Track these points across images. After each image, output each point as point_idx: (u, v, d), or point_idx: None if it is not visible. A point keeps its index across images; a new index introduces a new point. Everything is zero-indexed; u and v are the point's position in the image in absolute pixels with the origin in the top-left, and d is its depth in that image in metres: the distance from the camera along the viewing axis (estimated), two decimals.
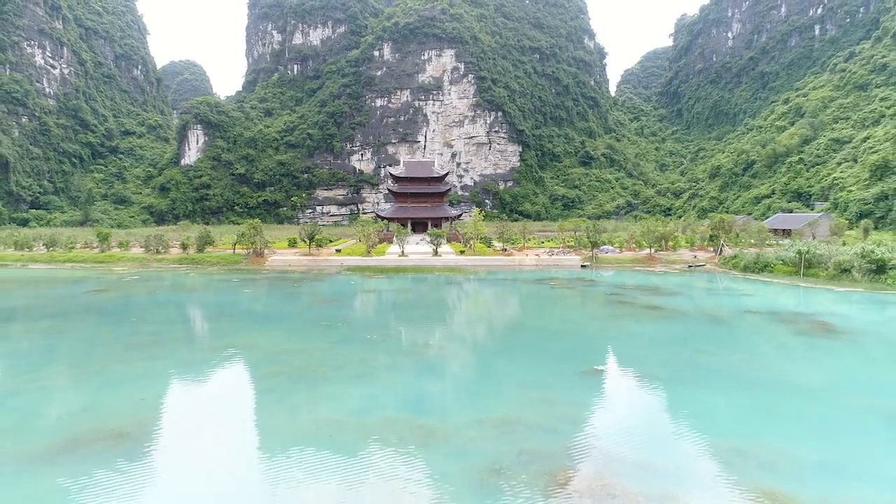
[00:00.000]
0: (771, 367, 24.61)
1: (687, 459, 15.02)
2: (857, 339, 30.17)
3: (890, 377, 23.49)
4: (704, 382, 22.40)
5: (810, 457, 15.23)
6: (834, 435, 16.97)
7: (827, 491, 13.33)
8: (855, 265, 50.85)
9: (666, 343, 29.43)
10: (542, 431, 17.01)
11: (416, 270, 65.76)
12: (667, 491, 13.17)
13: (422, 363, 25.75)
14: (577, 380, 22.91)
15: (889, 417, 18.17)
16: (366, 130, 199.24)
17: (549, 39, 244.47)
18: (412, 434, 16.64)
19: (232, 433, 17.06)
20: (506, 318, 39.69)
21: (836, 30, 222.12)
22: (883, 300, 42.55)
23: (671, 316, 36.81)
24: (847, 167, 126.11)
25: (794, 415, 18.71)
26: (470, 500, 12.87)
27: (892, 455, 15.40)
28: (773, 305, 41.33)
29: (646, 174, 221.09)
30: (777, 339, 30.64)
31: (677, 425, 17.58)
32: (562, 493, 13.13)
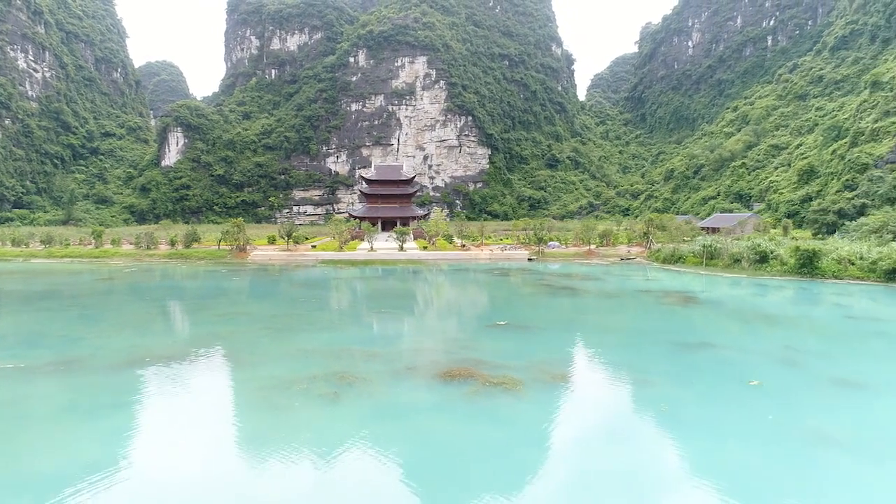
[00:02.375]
0: (623, 322, 34.68)
1: (527, 363, 24.70)
2: (703, 305, 40.44)
3: (696, 324, 33.59)
4: (566, 329, 32.36)
5: (605, 357, 25.14)
6: (623, 347, 26.94)
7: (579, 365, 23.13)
8: (744, 256, 61.47)
9: (557, 309, 39.41)
10: (444, 353, 26.70)
11: (383, 263, 75.07)
12: (504, 376, 22.78)
13: (375, 320, 35.34)
14: (482, 329, 32.71)
15: (668, 343, 28.18)
16: (341, 134, 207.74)
17: (519, 47, 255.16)
18: (360, 355, 26.18)
19: (239, 356, 26.37)
20: (447, 295, 49.37)
21: (787, 41, 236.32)
22: (747, 282, 53.12)
23: (577, 293, 46.85)
24: (782, 171, 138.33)
25: (608, 343, 28.69)
26: (391, 381, 22.38)
27: (655, 357, 25.34)
28: (665, 287, 51.55)
29: (608, 176, 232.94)
30: (645, 306, 40.73)
31: (530, 348, 27.35)
32: (443, 376, 22.71)
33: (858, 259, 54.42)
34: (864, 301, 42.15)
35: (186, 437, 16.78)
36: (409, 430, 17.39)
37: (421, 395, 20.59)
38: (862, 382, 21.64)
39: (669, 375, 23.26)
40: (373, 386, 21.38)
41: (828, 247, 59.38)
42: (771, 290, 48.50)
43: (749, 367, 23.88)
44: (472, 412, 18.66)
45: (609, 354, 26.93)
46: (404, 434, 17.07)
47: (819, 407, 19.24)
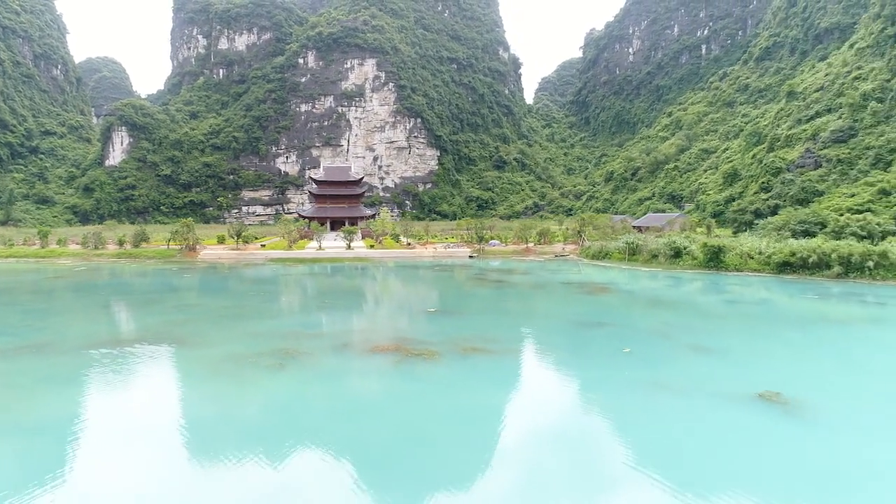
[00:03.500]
0: (539, 308, 39.58)
1: (446, 340, 29.08)
2: (612, 294, 45.83)
3: (599, 309, 38.79)
4: (487, 314, 37.02)
5: (514, 334, 29.82)
6: (532, 327, 31.71)
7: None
8: (661, 252, 67.74)
9: (485, 298, 44.12)
10: (377, 334, 30.91)
11: (331, 261, 78.52)
12: (424, 349, 27.10)
13: (319, 310, 39.20)
14: (413, 316, 37.03)
15: (571, 323, 33.12)
16: (291, 134, 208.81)
17: (467, 51, 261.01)
18: (303, 336, 30.09)
19: (194, 339, 29.89)
20: (388, 288, 53.52)
21: (719, 50, 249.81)
22: (661, 275, 59.19)
23: (506, 286, 51.73)
24: (710, 174, 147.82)
25: (521, 324, 33.45)
26: (329, 355, 26.39)
27: (556, 333, 30.13)
28: (587, 279, 56.97)
29: (554, 177, 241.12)
30: (563, 296, 45.85)
31: (452, 329, 31.81)
32: (373, 350, 26.88)
33: (757, 254, 61.12)
34: (751, 289, 48.39)
35: (152, 396, 20.48)
36: (341, 388, 21.53)
37: (353, 364, 24.76)
38: (710, 348, 26.93)
39: (562, 346, 28.11)
40: (313, 358, 25.40)
41: (733, 243, 66.15)
42: (677, 281, 54.50)
43: (628, 339, 28.94)
44: (393, 374, 22.97)
45: (518, 332, 31.66)
46: (337, 391, 21.21)
47: (666, 366, 24.30)
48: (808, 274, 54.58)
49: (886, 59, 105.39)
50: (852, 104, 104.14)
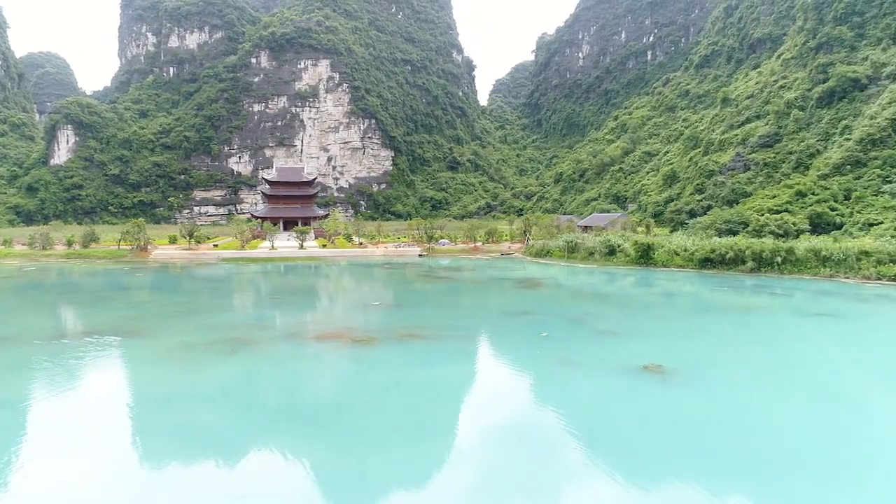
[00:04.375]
0: (474, 300, 42.99)
1: (385, 328, 32.12)
2: (544, 287, 49.65)
3: (529, 300, 42.44)
4: (426, 306, 40.23)
5: (446, 322, 33.09)
6: (464, 316, 35.04)
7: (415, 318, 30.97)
8: (597, 249, 72.29)
9: (426, 292, 47.33)
10: (323, 325, 33.71)
11: (283, 260, 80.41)
12: (364, 336, 30.05)
13: (269, 304, 41.68)
14: (358, 309, 39.95)
15: (500, 312, 36.60)
16: (243, 134, 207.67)
17: (421, 53, 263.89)
18: (253, 327, 32.66)
19: (151, 330, 32.10)
20: (337, 285, 56.17)
21: (664, 56, 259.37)
22: (596, 271, 63.55)
23: (449, 281, 55.05)
24: (652, 175, 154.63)
25: (454, 314, 36.75)
26: (276, 342, 29.09)
27: (484, 321, 33.49)
28: (524, 275, 60.78)
29: (506, 178, 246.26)
30: (499, 289, 49.42)
31: (392, 319, 34.88)
32: (317, 338, 29.71)
33: (683, 251, 66.11)
34: (672, 283, 53.01)
35: (114, 377, 22.90)
36: (287, 368, 24.36)
37: (298, 349, 27.57)
38: (617, 332, 30.77)
39: (489, 331, 31.54)
40: (262, 345, 28.09)
41: (662, 241, 71.14)
42: (608, 277, 58.83)
43: (549, 326, 32.55)
44: (334, 357, 25.92)
45: (453, 321, 34.94)
46: (284, 370, 24.03)
47: (575, 346, 27.95)
48: (726, 269, 59.63)
49: (808, 69, 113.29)
50: (777, 111, 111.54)
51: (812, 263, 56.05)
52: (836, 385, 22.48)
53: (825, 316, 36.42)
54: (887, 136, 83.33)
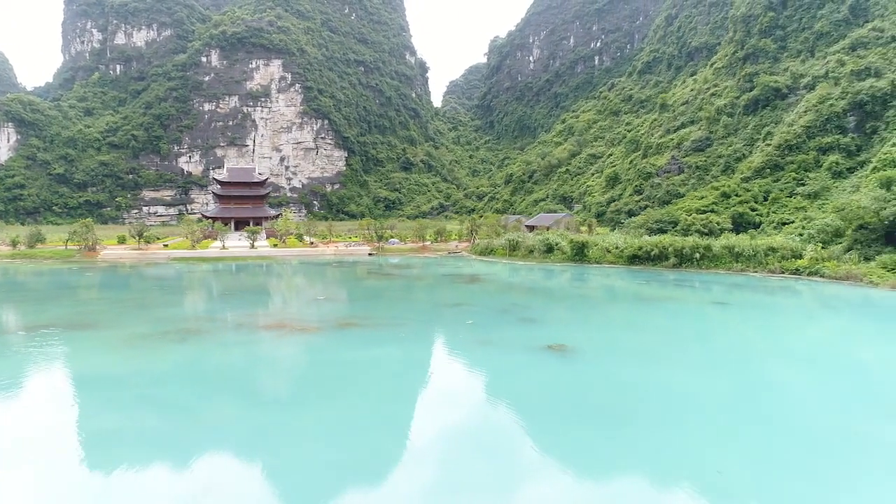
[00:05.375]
0: (414, 294, 46.25)
1: (327, 319, 35.06)
2: (481, 282, 53.31)
3: (464, 294, 45.95)
4: (368, 300, 43.30)
5: (384, 313, 36.24)
6: (401, 308, 38.29)
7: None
8: (536, 247, 76.52)
9: (370, 288, 50.38)
10: (269, 317, 36.42)
11: (234, 259, 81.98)
12: (306, 325, 32.95)
13: (218, 299, 44.01)
14: (304, 303, 42.70)
15: (435, 304, 39.95)
16: (194, 133, 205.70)
17: (374, 54, 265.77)
18: (203, 319, 35.13)
19: (105, 323, 34.21)
20: (287, 282, 58.59)
21: (610, 62, 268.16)
22: (535, 268, 67.64)
23: (394, 278, 58.16)
24: (596, 177, 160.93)
25: (393, 306, 39.97)
26: (225, 331, 31.70)
27: (419, 312, 36.77)
28: (467, 272, 64.36)
29: (459, 179, 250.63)
30: (439, 284, 52.81)
31: (334, 311, 37.81)
32: (263, 328, 32.44)
33: (614, 248, 70.85)
34: (600, 277, 57.41)
35: (76, 359, 25.26)
36: (234, 353, 27.10)
37: (244, 337, 30.30)
38: (534, 319, 34.52)
39: (422, 320, 34.86)
40: (211, 334, 30.71)
41: (595, 239, 75.86)
42: (543, 272, 62.95)
43: (476, 315, 36.06)
44: (277, 343, 28.78)
45: (391, 312, 38.12)
46: (229, 354, 26.76)
47: (495, 331, 31.50)
48: (651, 265, 64.54)
49: (736, 78, 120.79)
50: (709, 117, 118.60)
51: (726, 259, 61.40)
52: (706, 357, 26.62)
53: (721, 304, 41.12)
54: (802, 142, 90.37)
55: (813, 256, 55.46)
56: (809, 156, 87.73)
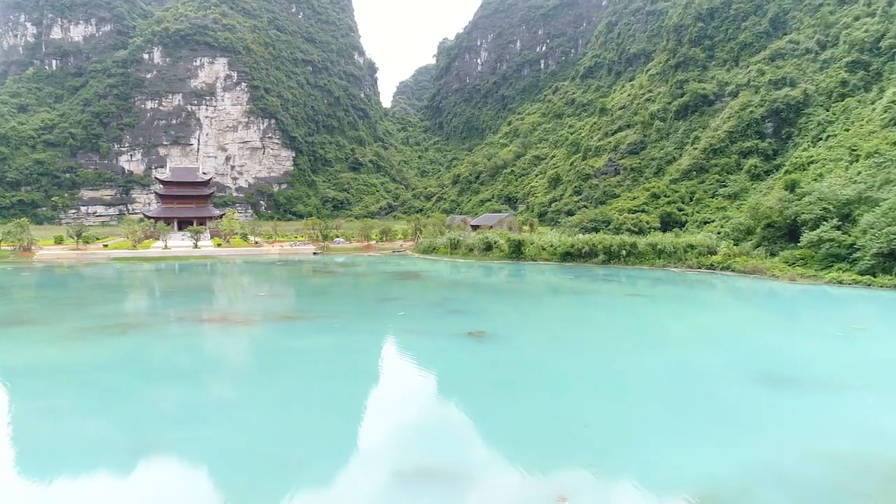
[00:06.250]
0: (352, 290, 48.32)
1: (266, 313, 36.78)
2: (419, 279, 55.78)
3: (401, 289, 48.29)
4: (307, 296, 45.12)
5: (321, 307, 38.17)
6: (339, 302, 40.35)
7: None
8: (476, 246, 79.50)
9: (311, 285, 52.17)
10: (209, 311, 37.89)
11: (177, 259, 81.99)
12: (246, 318, 34.64)
13: (160, 296, 45.04)
14: (245, 299, 44.24)
15: (372, 299, 42.13)
16: (135, 132, 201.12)
17: (322, 54, 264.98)
18: (143, 314, 36.34)
19: (46, 319, 35.06)
20: (229, 279, 59.69)
21: (555, 66, 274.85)
22: (475, 265, 70.57)
23: (337, 275, 59.99)
24: (539, 178, 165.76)
25: (330, 301, 42.00)
26: (165, 324, 33.08)
27: (355, 306, 38.90)
28: (408, 269, 66.69)
29: (407, 179, 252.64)
30: (380, 281, 54.97)
31: (273, 306, 39.54)
32: (203, 320, 33.98)
33: (549, 246, 74.43)
34: (532, 273, 60.67)
35: (19, 351, 26.41)
36: (172, 343, 28.68)
37: (185, 329, 31.85)
38: (463, 310, 37.16)
39: (356, 313, 37.05)
40: (151, 327, 32.10)
41: (532, 237, 79.40)
42: (481, 269, 65.91)
43: (409, 308, 38.46)
44: (218, 334, 30.48)
45: (327, 306, 40.13)
46: (169, 344, 28.34)
47: (423, 321, 34.01)
48: (582, 261, 68.29)
49: (669, 85, 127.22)
50: (643, 122, 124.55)
51: (650, 256, 65.62)
52: (607, 340, 29.76)
53: (636, 296, 44.78)
54: (725, 146, 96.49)
55: (726, 253, 60.10)
56: (731, 159, 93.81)
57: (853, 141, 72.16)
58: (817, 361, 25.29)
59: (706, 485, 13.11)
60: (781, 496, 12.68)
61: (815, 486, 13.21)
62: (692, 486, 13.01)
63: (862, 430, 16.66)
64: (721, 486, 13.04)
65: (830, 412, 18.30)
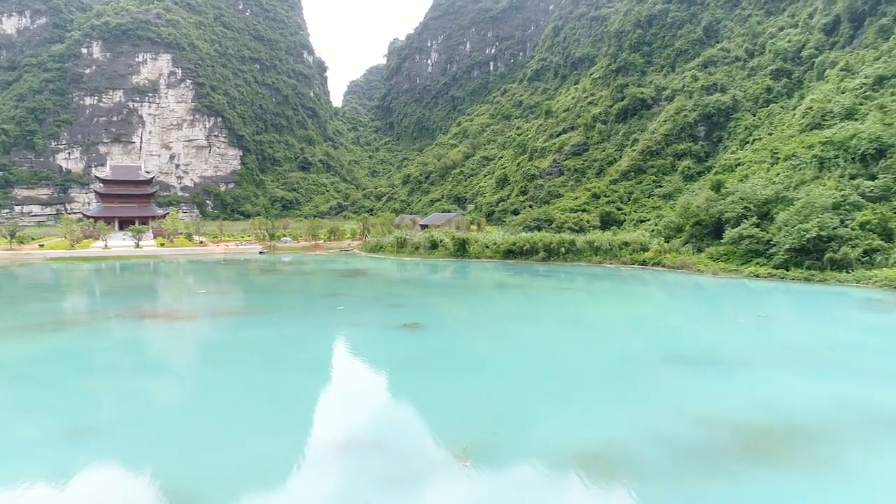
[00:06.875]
0: (295, 287, 49.07)
1: (206, 309, 37.28)
2: (363, 276, 56.87)
3: (343, 286, 49.32)
4: (253, 293, 45.70)
5: (263, 302, 38.90)
6: (279, 298, 41.14)
7: None
8: (422, 244, 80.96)
9: (256, 283, 52.60)
10: (151, 308, 38.12)
11: (118, 259, 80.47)
12: (188, 315, 35.09)
13: (98, 296, 44.80)
14: (186, 296, 44.46)
15: (313, 295, 43.06)
16: (73, 129, 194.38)
17: (270, 52, 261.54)
18: (81, 312, 36.33)
19: None
20: (171, 278, 59.41)
21: (504, 68, 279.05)
22: (421, 263, 72.00)
23: (283, 274, 60.47)
24: (488, 178, 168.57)
25: (271, 297, 42.73)
26: (104, 321, 33.28)
27: (296, 302, 39.75)
28: (354, 267, 67.50)
29: (358, 179, 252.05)
30: (324, 279, 55.76)
31: (213, 303, 40.02)
32: (142, 317, 34.30)
33: (493, 244, 76.50)
34: (474, 270, 62.54)
35: None
36: (114, 337, 29.09)
37: (123, 324, 32.19)
38: (401, 304, 38.58)
39: (297, 307, 38.00)
40: (89, 323, 32.32)
41: (476, 236, 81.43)
42: (426, 267, 67.40)
43: (349, 303, 39.58)
44: (158, 329, 30.97)
45: (269, 302, 40.85)
46: (106, 338, 28.75)
47: (361, 314, 35.23)
48: (524, 259, 70.55)
49: (610, 89, 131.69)
50: (586, 124, 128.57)
51: (588, 253, 68.36)
52: (531, 329, 31.66)
53: (567, 289, 47.13)
54: (661, 149, 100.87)
55: (657, 249, 63.35)
56: (667, 161, 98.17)
57: (775, 144, 76.89)
58: (720, 344, 27.76)
59: (593, 445, 14.90)
60: (656, 452, 14.56)
61: (686, 444, 15.16)
62: (580, 447, 14.78)
63: (741, 400, 18.83)
64: (606, 447, 14.84)
65: (718, 386, 20.50)
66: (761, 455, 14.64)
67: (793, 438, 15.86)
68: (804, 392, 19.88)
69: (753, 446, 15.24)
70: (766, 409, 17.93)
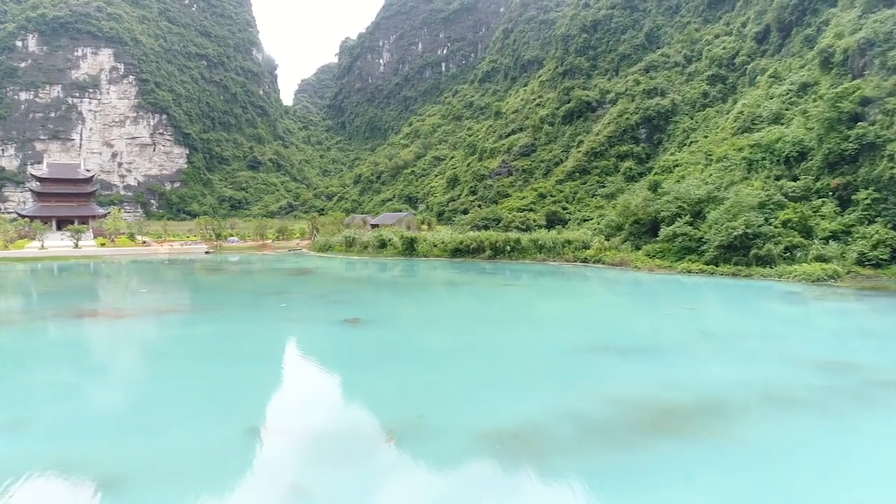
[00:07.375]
0: (241, 286, 48.90)
1: (147, 307, 36.98)
2: (310, 274, 57.00)
3: (291, 284, 49.47)
4: (195, 291, 45.37)
5: (209, 301, 38.76)
6: (225, 296, 41.05)
7: None
8: (370, 243, 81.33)
9: (199, 282, 52.14)
10: (91, 306, 37.51)
11: (56, 259, 77.95)
12: (128, 312, 34.77)
13: (33, 296, 43.70)
14: (128, 295, 43.83)
15: (258, 293, 43.08)
16: (7, 125, 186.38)
17: (217, 48, 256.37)
18: (13, 312, 35.49)
19: None
20: (111, 279, 58.17)
21: (456, 69, 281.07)
22: (369, 262, 72.42)
23: (228, 273, 59.96)
24: (439, 178, 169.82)
25: (219, 296, 42.59)
26: (39, 320, 32.67)
27: (241, 300, 39.78)
28: (302, 266, 67.38)
29: (309, 179, 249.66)
30: (269, 278, 55.68)
31: (156, 301, 39.68)
32: (81, 315, 33.80)
33: (441, 243, 77.51)
34: (422, 269, 63.40)
35: None
36: (51, 335, 28.70)
37: (61, 323, 31.77)
38: (345, 301, 39.12)
39: (240, 305, 38.09)
40: (20, 323, 31.74)
41: (425, 235, 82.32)
42: (374, 265, 67.90)
43: (293, 300, 39.87)
44: (97, 327, 30.68)
45: (212, 300, 40.77)
46: (43, 337, 28.36)
47: (304, 310, 35.65)
48: (471, 257, 71.80)
49: (557, 91, 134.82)
50: (534, 126, 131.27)
51: (532, 251, 70.11)
52: (472, 323, 32.75)
53: (508, 286, 48.55)
54: (605, 150, 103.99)
55: (598, 247, 65.55)
56: (610, 161, 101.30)
57: (709, 147, 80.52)
58: (648, 335, 29.41)
59: (510, 425, 15.97)
60: (569, 429, 15.73)
61: (598, 421, 16.39)
62: (498, 426, 15.83)
63: (656, 383, 20.25)
64: (522, 425, 15.93)
65: (636, 370, 21.93)
66: (668, 430, 15.97)
67: (698, 415, 17.28)
68: (715, 375, 21.49)
69: (662, 422, 16.57)
70: (679, 390, 19.37)
